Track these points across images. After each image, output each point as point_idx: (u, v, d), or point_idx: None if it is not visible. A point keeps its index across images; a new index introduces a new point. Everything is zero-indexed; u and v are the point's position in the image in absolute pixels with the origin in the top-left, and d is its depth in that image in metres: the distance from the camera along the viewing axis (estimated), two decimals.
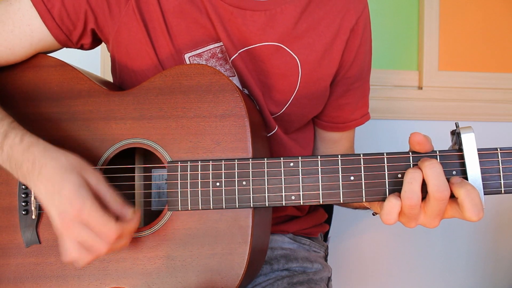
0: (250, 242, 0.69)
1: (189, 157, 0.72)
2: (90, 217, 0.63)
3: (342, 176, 0.66)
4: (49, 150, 0.68)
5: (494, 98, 1.51)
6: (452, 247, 1.55)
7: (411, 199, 0.60)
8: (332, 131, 0.98)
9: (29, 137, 0.70)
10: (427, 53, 1.49)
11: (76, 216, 0.63)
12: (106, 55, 1.43)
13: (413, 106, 1.48)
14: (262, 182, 0.68)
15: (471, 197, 0.59)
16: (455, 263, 1.55)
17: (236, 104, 0.72)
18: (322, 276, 0.94)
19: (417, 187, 0.61)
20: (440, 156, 0.64)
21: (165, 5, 0.79)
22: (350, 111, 0.95)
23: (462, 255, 1.55)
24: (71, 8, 0.78)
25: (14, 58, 0.80)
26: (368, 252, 1.54)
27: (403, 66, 1.52)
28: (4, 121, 0.71)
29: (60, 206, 0.64)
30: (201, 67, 0.74)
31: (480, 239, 1.56)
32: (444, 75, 1.50)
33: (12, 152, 0.69)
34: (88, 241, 0.65)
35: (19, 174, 0.69)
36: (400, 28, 1.52)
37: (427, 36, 1.49)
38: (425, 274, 1.55)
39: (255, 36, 0.81)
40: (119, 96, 0.77)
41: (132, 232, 0.68)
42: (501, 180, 0.63)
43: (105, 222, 0.64)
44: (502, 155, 0.63)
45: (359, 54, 0.88)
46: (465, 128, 0.63)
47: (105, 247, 0.65)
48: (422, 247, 1.53)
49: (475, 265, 1.56)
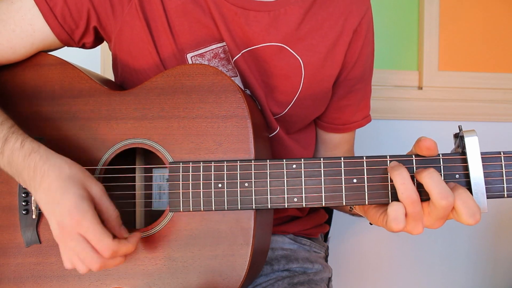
0: (252, 243, 0.69)
1: (191, 158, 0.72)
2: (88, 231, 0.63)
3: (345, 179, 0.66)
4: (51, 157, 0.67)
5: (494, 98, 1.50)
6: (452, 247, 1.55)
7: (410, 197, 0.60)
8: (332, 132, 0.98)
9: (29, 143, 0.69)
10: (427, 53, 1.49)
11: (74, 228, 0.63)
12: (107, 54, 1.42)
13: (413, 106, 1.48)
14: (264, 183, 0.68)
15: (463, 200, 0.59)
16: (455, 263, 1.56)
17: (239, 105, 0.71)
18: (323, 277, 0.94)
19: (410, 184, 0.61)
20: (444, 159, 0.64)
21: (168, 5, 0.79)
22: (351, 112, 0.95)
23: (462, 255, 1.56)
24: (74, 7, 0.78)
25: (15, 57, 0.79)
26: (368, 253, 1.54)
27: (403, 66, 1.52)
28: (4, 126, 0.70)
29: (59, 217, 0.64)
30: (203, 67, 0.73)
31: (480, 239, 1.56)
32: (444, 75, 1.50)
33: (13, 158, 0.68)
34: (82, 254, 0.65)
35: (20, 179, 0.69)
36: (400, 28, 1.52)
37: (427, 36, 1.49)
38: (425, 274, 1.56)
39: (259, 36, 0.80)
40: (121, 95, 0.76)
41: (127, 253, 0.68)
42: (503, 184, 0.63)
43: (101, 238, 0.64)
44: (506, 159, 0.63)
45: (361, 56, 0.88)
46: (469, 132, 0.63)
47: (97, 262, 0.65)
48: (422, 247, 1.54)
49: (475, 265, 1.56)
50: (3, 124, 0.71)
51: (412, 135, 1.22)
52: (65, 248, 0.66)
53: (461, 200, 0.59)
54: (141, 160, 0.84)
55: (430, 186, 0.59)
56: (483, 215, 0.62)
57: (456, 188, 0.60)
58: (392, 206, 0.61)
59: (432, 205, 0.60)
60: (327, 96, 0.89)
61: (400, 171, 0.61)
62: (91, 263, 0.65)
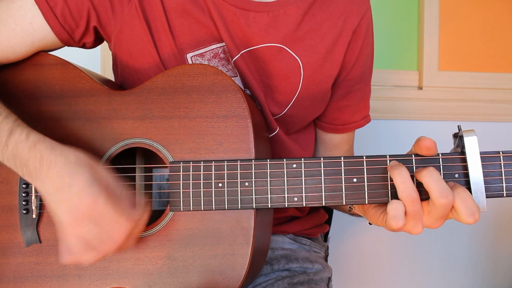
0: (252, 243, 0.69)
1: (192, 158, 0.72)
2: (101, 214, 0.63)
3: (345, 178, 0.66)
4: (56, 147, 0.67)
5: (494, 98, 1.51)
6: (452, 247, 1.55)
7: (410, 195, 0.61)
8: (332, 132, 0.98)
9: (35, 135, 0.69)
10: (427, 53, 1.49)
11: (87, 212, 0.62)
12: (107, 54, 1.42)
13: (413, 106, 1.48)
14: (264, 183, 0.68)
15: (462, 199, 0.59)
16: (455, 263, 1.56)
17: (239, 105, 0.71)
18: (323, 277, 0.94)
19: (410, 183, 0.61)
20: (443, 159, 0.64)
21: (168, 5, 0.79)
22: (350, 113, 0.95)
23: (462, 255, 1.56)
24: (74, 7, 0.78)
25: (15, 56, 0.79)
26: (368, 253, 1.54)
27: (403, 66, 1.52)
28: (9, 119, 0.70)
29: (70, 202, 0.63)
30: (203, 67, 0.74)
31: (480, 239, 1.56)
32: (444, 75, 1.50)
33: (18, 150, 0.68)
34: (97, 239, 0.64)
35: (25, 171, 0.68)
36: (400, 28, 1.52)
37: (427, 36, 1.49)
38: (425, 274, 1.56)
39: (258, 37, 0.81)
40: (121, 95, 0.76)
41: (140, 231, 0.68)
42: (503, 184, 0.63)
43: (116, 220, 0.63)
44: (505, 159, 0.63)
45: (361, 56, 0.88)
46: (468, 131, 0.63)
47: (113, 246, 0.64)
48: (422, 247, 1.54)
49: (475, 265, 1.56)
50: (7, 117, 0.70)
51: (412, 135, 1.22)
52: (74, 236, 0.64)
53: (461, 199, 0.59)
54: (141, 160, 0.84)
55: (430, 185, 0.59)
56: (483, 215, 0.62)
57: (456, 187, 0.61)
58: (391, 204, 0.61)
59: (431, 204, 0.61)
60: (326, 96, 0.89)
61: (400, 170, 0.61)
62: (107, 248, 0.64)
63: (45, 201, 0.69)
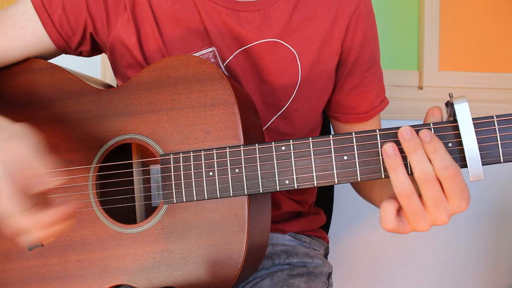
0: (247, 230, 0.68)
1: (181, 149, 0.71)
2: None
3: (335, 156, 0.64)
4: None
5: (494, 98, 1.49)
6: (452, 247, 1.54)
7: (405, 191, 0.58)
8: (355, 122, 0.94)
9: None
10: (427, 53, 1.48)
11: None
12: (107, 60, 1.44)
13: (413, 106, 1.47)
14: (255, 168, 0.67)
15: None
16: (455, 263, 1.54)
17: (224, 92, 0.71)
18: (322, 271, 0.93)
19: (404, 177, 0.58)
20: (435, 128, 0.62)
21: (158, 12, 0.80)
22: (372, 98, 0.92)
23: (462, 255, 1.54)
24: (72, 16, 0.80)
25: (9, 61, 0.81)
26: (368, 252, 1.53)
27: (403, 66, 1.52)
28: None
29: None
30: (187, 58, 0.73)
31: (480, 239, 1.54)
32: (444, 75, 1.49)
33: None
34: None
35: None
36: (400, 28, 1.51)
37: (427, 36, 1.48)
38: (425, 273, 1.54)
39: (252, 34, 0.81)
40: (110, 93, 0.76)
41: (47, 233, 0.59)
42: (499, 149, 0.60)
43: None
44: (499, 123, 0.60)
45: (367, 39, 0.86)
46: (459, 98, 0.61)
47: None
48: (422, 247, 1.52)
49: (475, 265, 1.55)
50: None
51: None
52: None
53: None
54: (138, 156, 0.84)
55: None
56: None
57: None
58: (382, 205, 0.60)
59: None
60: (329, 84, 0.88)
61: (395, 165, 0.59)
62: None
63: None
